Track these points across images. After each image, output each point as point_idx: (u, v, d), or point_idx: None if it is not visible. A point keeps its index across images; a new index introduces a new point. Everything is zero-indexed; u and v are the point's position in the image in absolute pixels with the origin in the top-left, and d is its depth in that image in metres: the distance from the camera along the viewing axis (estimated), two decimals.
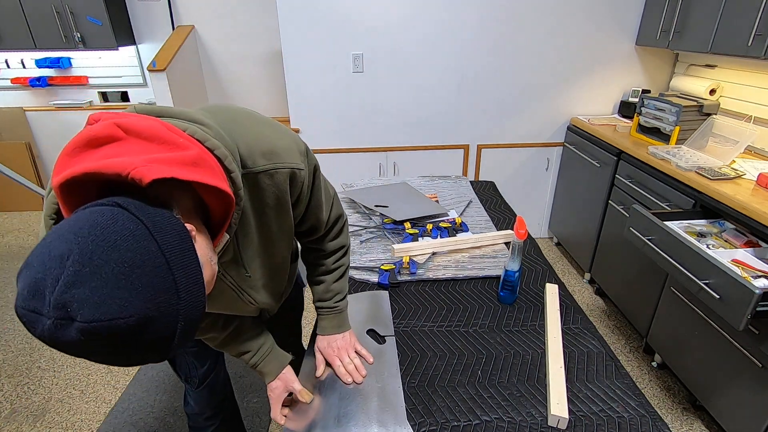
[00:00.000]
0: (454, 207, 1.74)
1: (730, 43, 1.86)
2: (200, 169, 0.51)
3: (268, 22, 3.29)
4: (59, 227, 0.44)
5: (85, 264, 0.40)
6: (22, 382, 1.95)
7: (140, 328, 0.42)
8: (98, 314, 0.40)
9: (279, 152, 0.68)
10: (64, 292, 0.40)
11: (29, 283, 0.41)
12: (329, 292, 0.98)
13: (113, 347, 0.42)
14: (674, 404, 1.83)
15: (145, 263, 0.43)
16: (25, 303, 0.41)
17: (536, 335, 1.09)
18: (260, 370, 0.94)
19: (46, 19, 3.01)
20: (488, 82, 2.64)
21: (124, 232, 0.43)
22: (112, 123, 0.49)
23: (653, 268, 1.93)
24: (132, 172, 0.45)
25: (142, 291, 0.42)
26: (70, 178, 0.46)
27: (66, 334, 0.40)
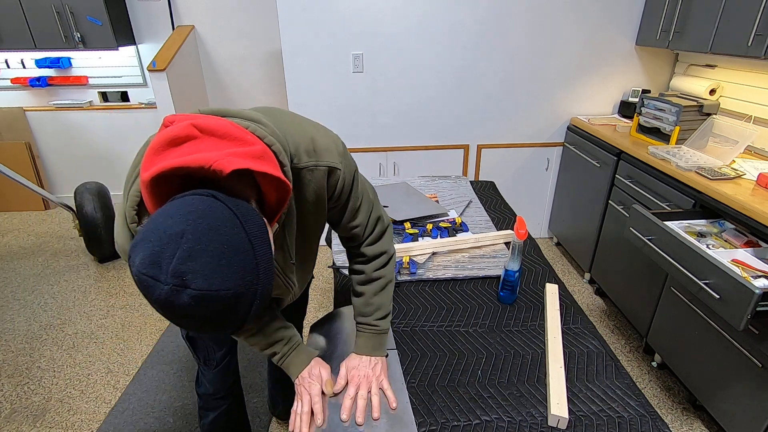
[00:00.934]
0: (454, 207, 1.74)
1: (730, 43, 1.86)
2: (266, 162, 0.58)
3: (268, 22, 3.29)
4: (166, 210, 0.51)
5: (197, 242, 0.48)
6: (22, 382, 1.95)
7: (233, 301, 0.50)
8: (207, 284, 0.48)
9: (320, 151, 0.75)
10: (181, 263, 0.47)
11: (148, 254, 0.48)
12: (369, 305, 0.94)
13: (212, 314, 0.50)
14: (674, 404, 1.83)
15: (238, 247, 0.50)
16: (145, 269, 0.48)
17: (536, 335, 1.09)
18: (289, 361, 0.94)
19: (46, 19, 3.01)
20: (488, 82, 2.64)
21: (223, 219, 0.50)
22: (189, 124, 0.56)
23: (653, 268, 1.93)
24: (213, 164, 0.52)
25: (236, 270, 0.50)
26: (160, 173, 0.52)
27: (179, 299, 0.48)
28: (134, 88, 3.55)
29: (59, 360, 2.07)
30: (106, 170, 3.77)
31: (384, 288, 0.96)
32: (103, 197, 2.77)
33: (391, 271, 0.97)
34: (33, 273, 2.77)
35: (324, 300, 2.47)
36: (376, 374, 0.91)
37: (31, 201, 3.66)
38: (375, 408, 0.86)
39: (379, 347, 0.95)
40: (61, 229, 3.35)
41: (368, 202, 0.90)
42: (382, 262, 0.95)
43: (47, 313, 2.40)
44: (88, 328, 2.28)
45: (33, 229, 3.37)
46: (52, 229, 3.37)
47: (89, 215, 2.70)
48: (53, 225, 3.43)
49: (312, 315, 2.34)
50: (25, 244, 3.13)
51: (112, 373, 1.99)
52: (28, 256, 2.98)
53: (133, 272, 0.49)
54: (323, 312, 2.36)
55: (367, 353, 0.94)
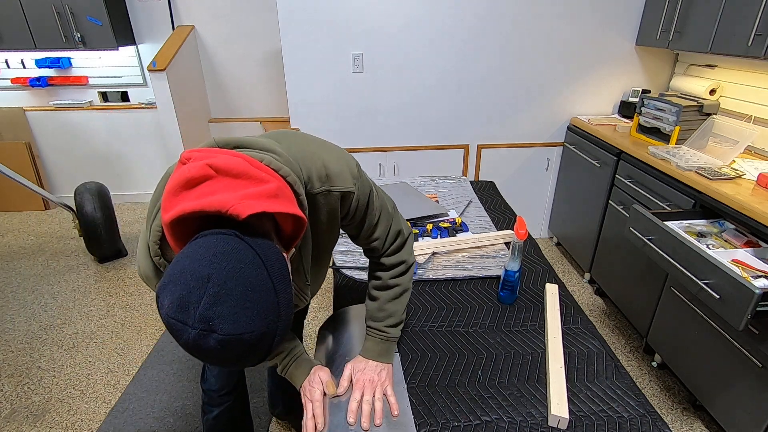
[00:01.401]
0: (454, 207, 1.74)
1: (730, 43, 1.86)
2: (280, 200, 0.59)
3: (268, 22, 3.30)
4: (191, 252, 0.53)
5: (222, 287, 0.50)
6: (22, 382, 1.95)
7: (257, 341, 0.52)
8: (233, 329, 0.50)
9: (332, 176, 0.76)
10: (208, 309, 0.49)
11: (176, 298, 0.50)
12: (382, 311, 0.95)
13: (237, 354, 0.52)
14: (674, 404, 1.83)
15: (261, 288, 0.52)
16: (174, 314, 0.50)
17: (536, 335, 1.09)
18: (291, 372, 0.95)
19: (46, 19, 3.01)
20: (488, 82, 2.64)
21: (246, 261, 0.52)
22: (205, 164, 0.57)
23: (653, 268, 1.93)
24: (230, 209, 0.54)
25: (260, 312, 0.52)
26: (178, 216, 0.54)
27: (206, 343, 0.50)
28: (134, 88, 3.55)
29: (59, 360, 2.07)
30: (106, 170, 3.77)
31: (399, 296, 0.96)
32: (103, 197, 2.77)
33: (409, 280, 0.97)
34: (33, 273, 2.77)
35: (324, 300, 2.47)
36: (381, 380, 0.92)
37: (31, 201, 3.66)
38: (377, 414, 0.87)
39: (386, 353, 0.95)
40: (61, 229, 3.35)
41: (387, 217, 0.90)
42: (400, 271, 0.96)
43: (47, 313, 2.40)
44: (88, 328, 2.28)
45: (33, 229, 3.37)
46: (52, 229, 3.37)
47: (89, 215, 2.70)
48: (53, 225, 3.43)
49: (312, 315, 2.34)
50: (25, 244, 3.13)
51: (112, 373, 1.99)
52: (28, 256, 2.98)
53: (162, 315, 0.52)
54: (323, 312, 2.36)
55: (374, 358, 0.94)
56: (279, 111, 3.65)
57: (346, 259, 1.41)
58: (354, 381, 0.91)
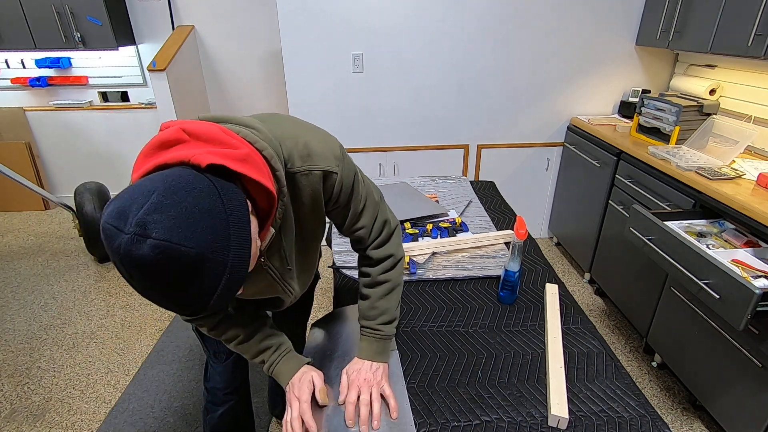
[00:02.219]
0: (454, 207, 1.74)
1: (730, 43, 1.86)
2: (248, 165, 0.59)
3: (268, 22, 3.29)
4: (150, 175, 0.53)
5: (167, 197, 0.49)
6: (22, 382, 1.95)
7: (196, 263, 0.49)
8: (169, 236, 0.47)
9: (314, 155, 0.75)
10: (146, 214, 0.48)
11: (117, 207, 0.49)
12: (374, 309, 0.93)
13: (172, 273, 0.48)
14: (674, 404, 1.83)
15: (211, 212, 0.51)
16: (110, 220, 0.49)
17: (536, 335, 1.09)
18: (278, 369, 0.92)
19: (46, 19, 3.01)
20: (488, 82, 2.64)
21: (201, 186, 0.52)
22: (179, 128, 0.59)
23: (653, 268, 1.93)
24: (192, 158, 0.55)
25: (205, 231, 0.50)
26: (145, 172, 0.55)
27: (139, 248, 0.47)
28: (134, 88, 3.55)
29: (59, 360, 2.07)
30: (106, 170, 3.77)
31: (390, 292, 0.94)
32: (103, 197, 2.77)
33: (399, 275, 0.95)
34: (33, 273, 2.77)
35: (324, 300, 2.47)
36: (377, 379, 0.89)
37: (31, 201, 3.66)
38: (375, 416, 0.84)
39: (381, 352, 0.93)
40: (61, 229, 3.35)
41: (373, 205, 0.88)
42: (388, 266, 0.93)
43: (47, 313, 2.40)
44: (88, 328, 2.28)
45: (33, 229, 3.37)
46: (52, 229, 3.37)
47: (89, 215, 2.70)
48: (53, 225, 3.43)
49: (312, 315, 2.34)
50: (25, 244, 3.13)
51: (112, 373, 1.99)
52: (28, 256, 2.98)
53: (101, 223, 0.50)
54: (323, 312, 2.36)
55: (369, 358, 0.92)
56: (279, 111, 3.65)
57: (346, 259, 1.41)
58: (349, 381, 0.89)
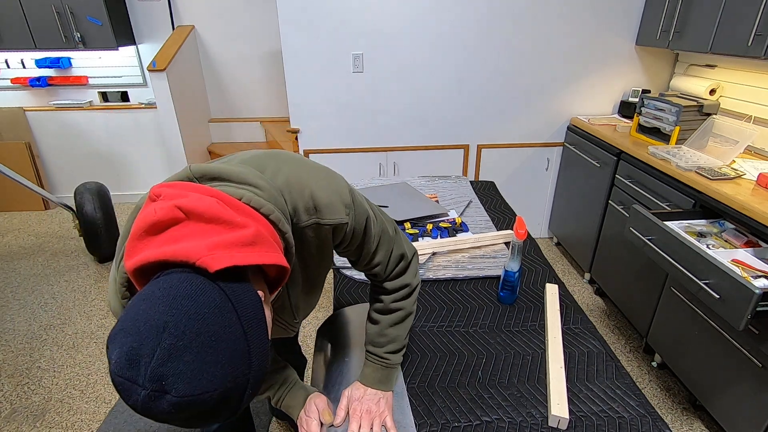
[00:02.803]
0: (454, 207, 1.74)
1: (730, 43, 1.86)
2: (257, 248, 0.53)
3: (268, 22, 3.30)
4: (148, 294, 0.46)
5: (180, 338, 0.43)
6: (22, 382, 1.95)
7: (220, 401, 0.45)
8: (190, 389, 0.42)
9: (321, 208, 0.69)
10: (161, 365, 0.42)
11: (126, 351, 0.43)
12: (383, 336, 0.89)
13: (196, 415, 0.45)
14: (674, 404, 1.83)
15: (227, 335, 0.45)
16: (122, 371, 0.43)
17: (536, 335, 1.09)
18: (286, 404, 0.89)
19: (46, 19, 3.01)
20: (488, 82, 2.64)
21: (212, 305, 0.46)
22: (173, 206, 0.51)
23: (653, 268, 1.93)
24: (198, 262, 0.47)
25: (225, 364, 0.44)
26: (140, 265, 0.49)
27: (158, 406, 0.42)
28: (134, 88, 3.55)
29: (59, 360, 2.07)
30: (106, 170, 3.77)
31: (402, 321, 0.90)
32: (103, 197, 2.77)
33: (412, 304, 0.90)
34: (33, 273, 2.77)
35: (324, 300, 2.47)
36: (380, 410, 0.85)
37: (31, 201, 3.66)
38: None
39: (386, 381, 0.88)
40: (61, 229, 3.35)
41: (388, 241, 0.83)
42: (403, 295, 0.89)
43: (47, 313, 2.40)
44: (88, 328, 2.28)
45: (33, 229, 3.37)
46: (52, 229, 3.37)
47: (89, 215, 2.70)
48: (53, 225, 3.43)
49: (312, 315, 2.34)
50: (25, 244, 3.13)
51: None
52: (28, 256, 2.98)
53: (110, 369, 0.44)
54: (323, 312, 2.36)
55: (372, 385, 0.88)
56: (279, 111, 3.65)
57: (346, 260, 1.40)
58: (351, 411, 0.85)
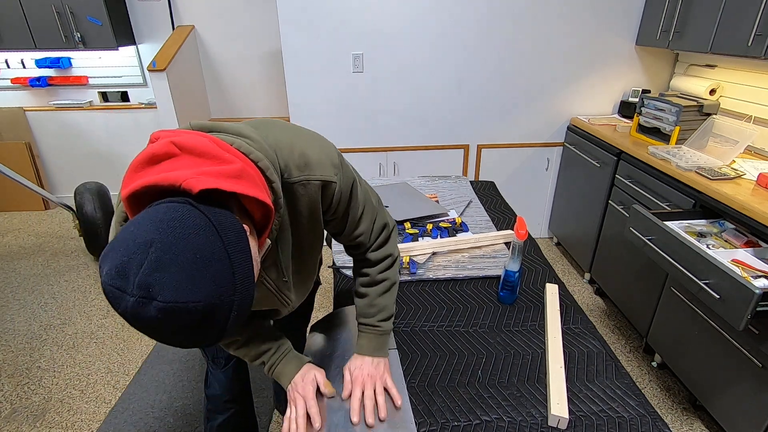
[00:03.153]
0: (454, 207, 1.74)
1: (730, 43, 1.86)
2: (242, 181, 0.57)
3: (268, 22, 3.30)
4: (138, 219, 0.50)
5: (166, 252, 0.47)
6: (22, 382, 1.95)
7: (205, 314, 0.48)
8: (175, 296, 0.46)
9: (311, 164, 0.73)
10: (148, 275, 0.46)
11: (116, 264, 0.47)
12: (373, 306, 0.93)
13: (181, 327, 0.48)
14: (674, 404, 1.83)
15: (212, 256, 0.49)
16: (112, 281, 0.47)
17: (536, 335, 1.09)
18: (279, 370, 0.92)
19: (46, 19, 3.01)
20: (488, 82, 2.64)
21: (196, 228, 0.49)
22: (169, 141, 0.56)
23: (653, 268, 1.93)
24: (183, 183, 0.52)
25: (209, 281, 0.48)
26: (134, 191, 0.53)
27: (146, 312, 0.46)
28: (134, 88, 3.55)
29: (59, 360, 2.07)
30: (106, 170, 3.77)
31: (388, 290, 0.94)
32: (103, 197, 2.77)
33: (396, 273, 0.96)
34: (33, 273, 2.77)
35: (324, 300, 2.47)
36: (379, 374, 0.90)
37: (31, 201, 3.66)
38: (381, 408, 0.86)
39: (381, 348, 0.94)
40: (61, 229, 3.35)
41: (371, 211, 0.88)
42: (387, 265, 0.94)
43: (47, 313, 2.40)
44: (88, 328, 2.28)
45: (33, 229, 3.37)
46: (52, 229, 3.37)
47: (89, 215, 2.70)
48: (53, 225, 3.43)
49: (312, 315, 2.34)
50: (25, 244, 3.13)
51: (112, 373, 1.99)
52: (28, 256, 2.98)
53: (102, 282, 0.48)
54: (323, 312, 2.36)
55: (370, 354, 0.92)
56: (279, 111, 3.65)
57: (346, 259, 1.41)
58: (353, 379, 0.90)
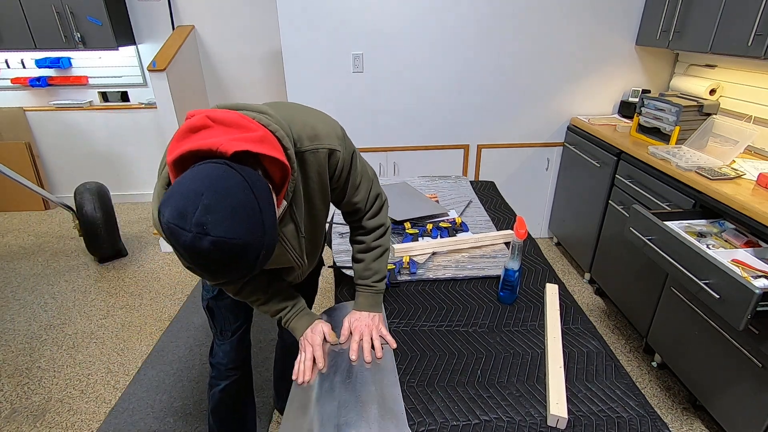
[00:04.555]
0: (454, 207, 1.74)
1: (730, 43, 1.86)
2: (265, 144, 0.70)
3: (268, 22, 3.29)
4: (188, 174, 0.63)
5: (214, 199, 0.60)
6: (22, 382, 1.95)
7: (243, 248, 0.62)
8: (224, 233, 0.59)
9: (320, 136, 0.86)
10: (202, 215, 0.59)
11: (176, 208, 0.60)
12: (368, 270, 1.08)
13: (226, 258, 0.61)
14: (674, 404, 1.83)
15: (247, 206, 0.62)
16: (174, 221, 0.60)
17: (536, 335, 1.09)
18: (294, 324, 1.07)
19: (46, 19, 3.01)
20: (488, 82, 2.63)
21: (234, 182, 0.62)
22: (204, 116, 0.69)
23: (653, 268, 1.93)
24: (219, 147, 0.65)
25: (246, 224, 0.61)
26: (179, 155, 0.66)
27: (201, 243, 0.59)
28: (134, 88, 3.55)
29: (59, 360, 2.07)
30: (106, 170, 3.77)
31: (382, 255, 1.09)
32: (103, 197, 2.77)
33: (388, 240, 1.10)
34: (33, 273, 2.77)
35: (324, 300, 2.47)
36: (375, 324, 1.06)
37: (31, 201, 3.66)
38: (377, 349, 1.01)
39: (376, 305, 1.09)
40: (61, 229, 3.35)
41: (368, 180, 1.01)
42: (380, 233, 1.07)
43: (47, 313, 2.40)
44: (88, 328, 2.28)
45: (33, 229, 3.37)
46: (52, 229, 3.37)
47: (89, 215, 2.70)
48: (53, 225, 3.43)
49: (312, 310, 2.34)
50: (25, 244, 3.13)
51: (112, 373, 1.99)
52: (28, 256, 2.98)
53: (162, 223, 0.61)
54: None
55: (366, 309, 1.07)
56: None
57: (346, 259, 1.41)
58: (353, 328, 1.06)
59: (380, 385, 0.93)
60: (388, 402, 0.89)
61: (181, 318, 2.34)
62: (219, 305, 1.21)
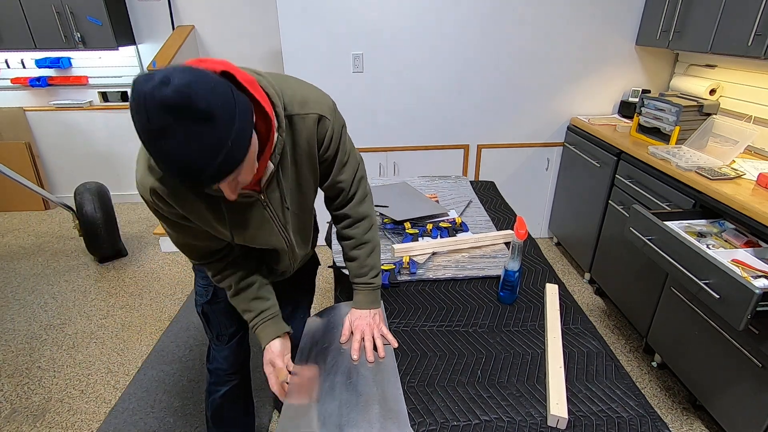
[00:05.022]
0: (454, 207, 1.74)
1: (730, 43, 1.86)
2: (253, 87, 0.72)
3: (268, 22, 3.29)
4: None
5: (190, 70, 0.60)
6: (22, 382, 1.95)
7: (209, 113, 0.59)
8: (187, 83, 0.58)
9: (310, 103, 0.88)
10: (170, 72, 0.58)
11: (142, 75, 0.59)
12: (364, 267, 1.08)
13: (187, 118, 0.58)
14: (674, 404, 1.83)
15: (224, 92, 0.63)
16: (140, 77, 0.59)
17: (536, 335, 1.09)
18: (258, 332, 1.04)
19: (46, 19, 3.01)
20: (488, 82, 2.63)
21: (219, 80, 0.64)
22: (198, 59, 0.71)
23: (653, 268, 1.93)
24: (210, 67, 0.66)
25: (216, 95, 0.61)
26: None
27: (163, 91, 0.57)
28: None
29: (59, 360, 2.07)
30: (106, 170, 3.77)
31: (374, 251, 1.09)
32: (103, 197, 2.77)
33: (377, 236, 1.10)
34: (33, 273, 2.77)
35: (324, 300, 2.47)
36: (376, 323, 1.06)
37: (31, 201, 3.66)
38: (380, 348, 1.01)
39: (375, 301, 1.09)
40: (61, 229, 3.35)
41: (354, 162, 1.03)
42: (367, 226, 1.07)
43: (47, 313, 2.40)
44: (88, 328, 2.28)
45: (33, 229, 3.37)
46: (52, 229, 3.37)
47: (89, 215, 2.70)
48: (53, 225, 3.43)
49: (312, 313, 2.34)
50: (25, 244, 3.13)
51: (112, 373, 1.99)
52: (28, 256, 2.98)
53: (132, 83, 0.60)
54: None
55: (366, 307, 1.07)
56: None
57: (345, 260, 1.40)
58: (354, 328, 1.05)
59: (382, 384, 0.93)
60: (390, 402, 0.89)
61: (181, 318, 2.34)
62: (214, 309, 1.20)
